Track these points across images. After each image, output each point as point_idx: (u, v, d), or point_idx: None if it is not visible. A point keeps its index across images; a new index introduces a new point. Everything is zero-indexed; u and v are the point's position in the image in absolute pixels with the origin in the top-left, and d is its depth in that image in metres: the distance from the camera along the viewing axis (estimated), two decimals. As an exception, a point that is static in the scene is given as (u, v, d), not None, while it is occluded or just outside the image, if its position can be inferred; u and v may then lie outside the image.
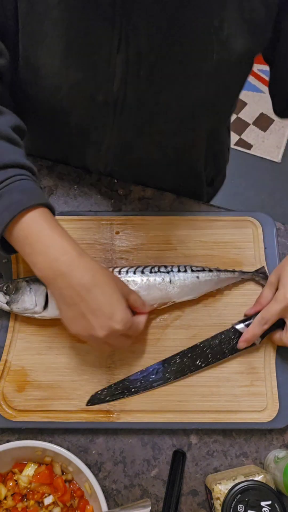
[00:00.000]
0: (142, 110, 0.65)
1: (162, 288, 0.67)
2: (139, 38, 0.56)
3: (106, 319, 0.54)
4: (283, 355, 0.67)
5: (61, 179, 0.81)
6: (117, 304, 0.55)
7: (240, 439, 0.65)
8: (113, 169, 0.80)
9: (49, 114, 0.70)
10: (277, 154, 1.97)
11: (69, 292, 0.53)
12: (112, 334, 0.55)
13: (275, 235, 0.74)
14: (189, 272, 0.68)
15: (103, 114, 0.66)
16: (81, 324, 0.55)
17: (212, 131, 0.78)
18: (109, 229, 0.75)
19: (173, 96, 0.63)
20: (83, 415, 0.64)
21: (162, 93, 0.63)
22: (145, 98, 0.63)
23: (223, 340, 0.66)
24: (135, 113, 0.66)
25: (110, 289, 0.55)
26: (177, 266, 0.69)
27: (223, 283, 0.70)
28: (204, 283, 0.68)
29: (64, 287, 0.53)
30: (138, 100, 0.64)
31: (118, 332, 0.56)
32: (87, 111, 0.66)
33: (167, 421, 0.64)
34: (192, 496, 0.62)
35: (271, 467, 0.60)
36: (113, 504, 0.61)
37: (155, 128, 0.69)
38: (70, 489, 0.60)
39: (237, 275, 0.70)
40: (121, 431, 0.65)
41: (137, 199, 0.80)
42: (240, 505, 0.53)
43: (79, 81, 0.61)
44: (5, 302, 0.65)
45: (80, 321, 0.55)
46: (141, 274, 0.67)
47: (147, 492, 0.62)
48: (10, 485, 0.60)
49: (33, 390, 0.65)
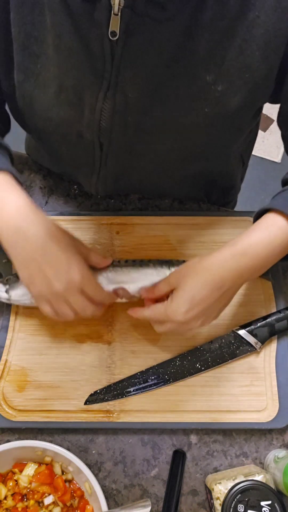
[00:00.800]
0: (129, 152, 0.65)
1: (162, 275, 0.66)
2: (127, 88, 0.56)
3: (64, 271, 0.56)
4: (283, 355, 0.67)
5: (61, 179, 0.81)
6: (73, 257, 0.57)
7: (240, 439, 0.65)
8: (107, 195, 0.80)
9: (43, 142, 0.70)
10: (277, 154, 1.96)
11: (26, 246, 0.55)
12: (71, 288, 0.56)
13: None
14: None
15: (92, 152, 0.66)
16: (40, 280, 0.56)
17: (211, 173, 0.76)
18: (109, 229, 0.75)
19: (160, 141, 0.62)
20: (83, 415, 0.64)
21: (151, 141, 0.62)
22: (133, 142, 0.63)
23: (223, 344, 0.66)
24: (123, 156, 0.66)
25: (65, 243, 0.57)
26: (176, 260, 0.69)
27: None
28: None
29: (21, 241, 0.55)
30: (125, 144, 0.63)
31: (76, 285, 0.56)
32: (76, 146, 0.66)
33: (167, 421, 0.64)
34: (192, 496, 0.62)
35: (271, 467, 0.60)
36: (113, 504, 0.61)
37: (143, 169, 0.69)
38: (70, 489, 0.60)
39: None
40: (121, 431, 0.65)
41: (137, 199, 0.80)
42: (240, 505, 0.53)
43: (68, 118, 0.61)
44: (5, 291, 0.66)
45: (38, 276, 0.56)
46: (140, 262, 0.67)
47: (147, 492, 0.62)
48: (10, 485, 0.60)
49: (33, 390, 0.65)
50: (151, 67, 0.54)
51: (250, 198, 1.85)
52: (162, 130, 0.61)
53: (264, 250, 0.55)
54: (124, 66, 0.53)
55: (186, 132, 0.61)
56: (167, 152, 0.65)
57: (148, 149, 0.64)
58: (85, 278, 0.58)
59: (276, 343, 0.68)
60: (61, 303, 0.58)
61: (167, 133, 0.61)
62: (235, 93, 0.56)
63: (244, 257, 0.55)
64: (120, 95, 0.56)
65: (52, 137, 0.67)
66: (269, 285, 0.71)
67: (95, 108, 0.58)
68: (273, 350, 0.67)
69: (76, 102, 0.59)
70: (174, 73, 0.54)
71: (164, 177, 0.74)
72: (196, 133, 0.61)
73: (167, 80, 0.55)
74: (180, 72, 0.54)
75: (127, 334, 0.69)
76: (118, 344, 0.68)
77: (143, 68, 0.54)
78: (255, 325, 0.66)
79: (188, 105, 0.57)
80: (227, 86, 0.55)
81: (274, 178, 1.90)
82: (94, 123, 0.60)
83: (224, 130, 0.62)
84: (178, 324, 0.58)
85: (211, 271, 0.56)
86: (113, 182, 0.73)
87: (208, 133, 0.61)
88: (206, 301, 0.56)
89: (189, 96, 0.56)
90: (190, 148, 0.64)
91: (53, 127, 0.64)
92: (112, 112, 0.58)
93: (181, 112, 0.58)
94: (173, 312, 0.57)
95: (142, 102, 0.57)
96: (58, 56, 0.55)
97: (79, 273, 0.57)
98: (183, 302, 0.56)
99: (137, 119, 0.59)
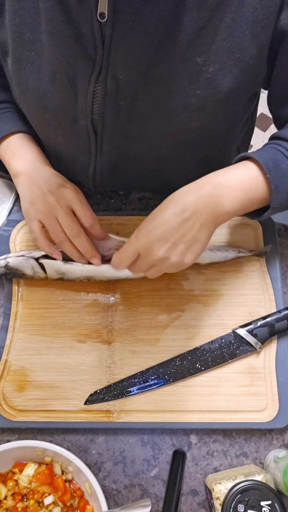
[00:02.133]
0: (123, 137, 0.65)
1: None
2: (118, 71, 0.56)
3: (57, 188, 0.64)
4: (283, 355, 0.67)
5: (61, 179, 0.81)
6: (71, 184, 0.66)
7: (240, 439, 0.65)
8: (104, 189, 0.80)
9: (40, 131, 0.71)
10: (277, 154, 1.96)
11: (36, 179, 0.66)
12: (62, 202, 0.63)
13: (275, 235, 0.74)
14: None
15: (87, 139, 0.66)
16: (37, 196, 0.64)
17: (207, 159, 0.76)
18: (109, 229, 0.75)
19: (153, 125, 0.62)
20: (83, 415, 0.64)
21: (144, 124, 0.63)
22: (127, 126, 0.63)
23: (223, 344, 0.66)
24: (117, 140, 0.66)
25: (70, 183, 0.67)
26: None
27: (223, 253, 0.70)
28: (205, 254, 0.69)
29: (34, 176, 0.66)
30: (119, 128, 0.63)
31: (66, 200, 0.63)
32: (72, 134, 0.67)
33: (167, 421, 0.64)
34: (192, 496, 0.62)
35: (271, 467, 0.60)
36: (113, 504, 0.61)
37: (138, 154, 0.69)
38: (70, 489, 0.60)
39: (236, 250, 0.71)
40: (121, 431, 0.65)
41: (137, 199, 0.80)
42: (240, 505, 0.53)
43: (62, 104, 0.62)
44: (4, 265, 0.68)
45: (37, 194, 0.64)
46: None
47: (147, 492, 0.62)
48: (10, 485, 0.60)
49: (33, 390, 0.65)
50: (141, 48, 0.54)
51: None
52: (154, 113, 0.61)
53: (229, 184, 0.56)
54: (114, 47, 0.54)
55: (179, 115, 0.60)
56: (161, 138, 0.65)
57: (142, 134, 0.64)
58: (77, 198, 0.64)
59: (276, 343, 0.68)
60: (52, 219, 0.63)
61: (160, 117, 0.61)
62: (226, 74, 0.56)
63: (207, 185, 0.56)
64: (111, 78, 0.57)
65: (48, 127, 0.67)
66: (269, 285, 0.71)
67: (88, 92, 0.59)
68: (273, 350, 0.67)
69: (70, 88, 0.60)
70: (163, 55, 0.55)
71: (162, 168, 0.73)
72: (189, 117, 0.61)
73: (157, 62, 0.55)
74: (169, 53, 0.55)
75: (127, 334, 0.69)
76: (118, 344, 0.68)
77: (133, 49, 0.54)
78: (255, 325, 0.66)
79: (179, 87, 0.57)
80: (218, 67, 0.56)
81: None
82: (87, 108, 0.61)
83: (217, 114, 0.62)
84: (146, 250, 0.56)
85: (171, 198, 0.57)
86: (110, 173, 0.73)
87: (201, 118, 0.61)
88: (166, 224, 0.55)
89: (180, 78, 0.57)
90: (185, 133, 0.64)
91: (49, 115, 0.64)
92: (104, 95, 0.59)
93: (172, 94, 0.58)
94: (135, 235, 0.57)
95: (133, 84, 0.58)
96: (51, 41, 0.56)
97: (72, 192, 0.64)
98: (144, 223, 0.57)
99: (129, 102, 0.60)
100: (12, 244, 0.74)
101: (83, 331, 0.69)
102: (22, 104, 0.67)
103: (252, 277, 0.72)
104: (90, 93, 0.59)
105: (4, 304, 0.71)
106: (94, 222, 0.65)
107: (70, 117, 0.63)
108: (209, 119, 0.62)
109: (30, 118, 0.69)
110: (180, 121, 0.61)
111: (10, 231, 0.75)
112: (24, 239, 0.75)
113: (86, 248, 0.65)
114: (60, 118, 0.64)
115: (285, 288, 0.73)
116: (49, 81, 0.60)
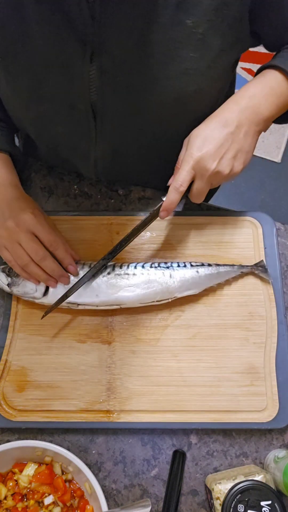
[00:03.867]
0: (123, 115, 0.65)
1: (163, 282, 0.67)
2: (112, 47, 0.57)
3: (17, 212, 0.65)
4: (283, 355, 0.67)
5: (61, 179, 0.81)
6: (33, 205, 0.67)
7: (240, 439, 0.65)
8: (107, 178, 0.80)
9: (37, 126, 0.70)
10: (277, 154, 1.96)
11: (0, 204, 0.66)
12: (22, 226, 0.64)
13: (275, 235, 0.74)
14: (189, 267, 0.68)
15: (86, 123, 0.66)
16: (0, 222, 0.65)
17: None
18: (109, 229, 0.75)
19: (153, 96, 0.63)
20: (83, 415, 0.64)
21: (141, 95, 0.63)
22: (126, 102, 0.63)
23: None
24: (117, 118, 0.66)
25: (33, 205, 0.68)
26: (177, 262, 0.69)
27: (223, 277, 0.70)
28: (204, 278, 0.68)
29: None
30: (118, 105, 0.63)
31: (26, 224, 0.64)
32: (70, 121, 0.66)
33: (167, 421, 0.64)
34: (192, 496, 0.62)
35: (271, 467, 0.60)
36: (113, 504, 0.61)
37: (139, 131, 0.69)
38: (70, 489, 0.60)
39: (236, 268, 0.70)
40: (121, 431, 0.65)
41: (137, 199, 0.80)
42: (240, 505, 0.53)
43: (58, 92, 0.62)
44: (6, 284, 0.67)
45: (0, 221, 0.65)
46: (141, 269, 0.68)
47: (147, 492, 0.62)
48: (10, 485, 0.60)
49: (33, 390, 0.65)
50: (130, 20, 0.55)
51: (250, 198, 1.85)
52: (152, 84, 0.61)
53: (262, 93, 0.62)
54: (104, 25, 0.54)
55: (176, 82, 0.61)
56: (161, 109, 0.65)
57: (141, 109, 0.64)
58: (36, 221, 0.65)
59: (276, 343, 0.68)
60: (14, 244, 0.65)
61: (158, 87, 0.62)
62: (216, 32, 0.58)
63: (243, 99, 0.62)
64: (106, 56, 0.57)
65: (45, 118, 0.67)
66: (269, 285, 0.71)
67: (83, 73, 0.59)
68: (273, 350, 0.67)
69: (64, 73, 0.59)
70: (154, 23, 0.55)
71: (160, 145, 0.73)
72: (186, 82, 0.62)
73: (148, 32, 0.56)
74: (160, 21, 0.55)
75: (127, 334, 0.69)
76: (118, 344, 0.68)
77: (123, 23, 0.55)
78: None
79: (173, 53, 0.58)
80: (207, 27, 0.57)
81: (274, 178, 1.90)
82: (84, 90, 0.61)
83: (211, 75, 0.63)
84: (201, 166, 0.61)
85: (214, 116, 0.63)
86: (111, 158, 0.73)
87: (197, 81, 0.62)
88: (215, 140, 0.61)
89: (173, 44, 0.57)
90: (183, 99, 0.64)
91: (46, 105, 0.64)
92: (100, 74, 0.59)
93: (167, 61, 0.59)
94: (188, 154, 0.61)
95: (128, 58, 0.58)
96: (40, 30, 0.56)
97: (30, 215, 0.65)
98: (193, 141, 0.61)
99: (126, 78, 0.60)
100: None
101: (83, 331, 0.69)
102: (14, 101, 0.66)
103: (252, 277, 0.72)
104: (86, 75, 0.59)
105: (4, 304, 0.71)
106: (54, 242, 0.66)
107: (68, 104, 0.63)
108: (204, 81, 0.63)
109: (24, 115, 0.68)
110: (177, 87, 0.62)
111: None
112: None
113: (53, 268, 0.66)
114: (58, 106, 0.64)
115: (285, 288, 0.73)
116: (41, 71, 0.60)
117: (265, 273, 0.70)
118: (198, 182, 0.63)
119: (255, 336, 0.68)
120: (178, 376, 0.66)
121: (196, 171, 0.62)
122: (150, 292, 0.66)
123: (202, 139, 0.61)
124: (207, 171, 0.61)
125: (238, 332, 0.68)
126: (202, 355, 0.67)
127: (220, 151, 0.61)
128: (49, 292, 0.67)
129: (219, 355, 0.67)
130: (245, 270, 0.71)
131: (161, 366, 0.67)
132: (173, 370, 0.66)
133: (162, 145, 0.74)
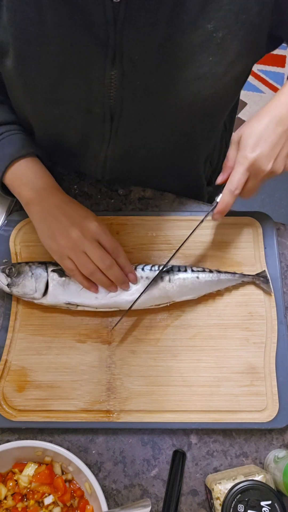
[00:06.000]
0: (139, 118, 0.65)
1: (161, 287, 0.67)
2: (133, 51, 0.56)
3: (79, 221, 0.64)
4: (283, 355, 0.67)
5: (61, 179, 0.81)
6: (90, 213, 0.67)
7: (240, 439, 0.65)
8: (111, 178, 0.80)
9: (50, 128, 0.70)
10: (277, 154, 1.96)
11: (50, 209, 0.66)
12: (87, 235, 0.63)
13: (275, 235, 0.74)
14: (189, 272, 0.68)
15: (101, 126, 0.66)
16: (58, 231, 0.64)
17: (210, 131, 0.77)
18: (109, 229, 0.75)
19: (170, 99, 0.63)
20: (83, 415, 0.64)
21: (159, 98, 0.63)
22: (143, 105, 0.63)
23: None
24: (134, 122, 0.66)
25: (84, 208, 0.68)
26: (177, 266, 0.69)
27: (223, 285, 0.70)
28: (204, 284, 0.68)
29: (47, 205, 0.66)
30: (136, 108, 0.63)
31: (91, 233, 0.64)
32: (85, 123, 0.66)
33: (167, 421, 0.64)
34: (192, 496, 0.62)
35: (271, 467, 0.60)
36: (113, 504, 0.61)
37: (153, 133, 0.69)
38: (70, 489, 0.60)
39: (237, 277, 0.70)
40: (121, 431, 0.65)
41: (137, 199, 0.80)
42: (240, 505, 0.53)
43: (75, 96, 0.61)
44: (6, 284, 0.67)
45: (57, 228, 0.64)
46: (141, 271, 0.67)
47: (147, 492, 0.62)
48: (10, 485, 0.60)
49: (33, 390, 0.65)
50: (152, 24, 0.54)
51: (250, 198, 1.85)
52: (169, 88, 0.61)
53: None
54: (126, 28, 0.54)
55: (194, 86, 0.61)
56: (177, 113, 0.65)
57: (158, 112, 0.64)
58: (100, 229, 0.64)
59: (276, 343, 0.68)
60: (80, 253, 0.63)
61: (175, 91, 0.61)
62: (234, 37, 0.57)
63: None
64: (127, 60, 0.57)
65: (59, 122, 0.67)
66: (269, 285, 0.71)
67: (104, 78, 0.58)
68: (273, 350, 0.67)
69: (82, 77, 0.59)
70: (175, 27, 0.55)
71: (170, 148, 0.73)
72: (203, 86, 0.61)
73: (169, 35, 0.56)
74: (181, 26, 0.55)
75: (127, 334, 0.69)
76: (118, 344, 0.68)
77: (146, 26, 0.54)
78: None
79: (192, 57, 0.58)
80: (226, 32, 0.56)
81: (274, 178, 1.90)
82: (103, 94, 0.60)
83: (227, 80, 0.63)
84: (256, 167, 0.60)
85: (266, 112, 0.61)
86: (120, 159, 0.73)
87: (213, 85, 0.62)
88: (268, 139, 0.59)
89: (192, 48, 0.57)
90: (199, 104, 0.64)
91: (61, 109, 0.64)
92: (121, 77, 0.59)
93: (186, 65, 0.59)
94: (242, 156, 0.60)
95: (149, 62, 0.58)
96: (59, 33, 0.55)
97: (95, 223, 0.64)
98: (246, 140, 0.60)
99: (145, 81, 0.60)
100: (12, 244, 0.74)
101: (83, 331, 0.69)
102: (28, 104, 0.66)
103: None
104: (108, 78, 0.58)
105: (4, 304, 0.71)
106: (120, 253, 0.66)
107: (84, 107, 0.63)
108: (220, 86, 0.63)
109: (37, 118, 0.68)
110: (195, 91, 0.62)
111: (10, 231, 0.75)
112: (25, 239, 0.75)
113: (118, 275, 0.65)
114: (73, 109, 0.64)
115: (285, 288, 0.73)
116: (58, 74, 0.59)
117: (266, 284, 0.70)
118: (251, 182, 0.63)
119: (255, 336, 0.68)
120: (178, 376, 0.66)
121: (250, 172, 0.61)
122: (148, 297, 0.67)
123: (256, 138, 0.60)
124: (263, 172, 0.61)
125: (238, 332, 0.68)
126: (202, 355, 0.67)
127: (275, 151, 0.60)
128: (48, 293, 0.67)
129: (219, 355, 0.67)
130: (246, 280, 0.71)
131: (161, 366, 0.67)
132: (173, 370, 0.66)
133: (173, 147, 0.74)
